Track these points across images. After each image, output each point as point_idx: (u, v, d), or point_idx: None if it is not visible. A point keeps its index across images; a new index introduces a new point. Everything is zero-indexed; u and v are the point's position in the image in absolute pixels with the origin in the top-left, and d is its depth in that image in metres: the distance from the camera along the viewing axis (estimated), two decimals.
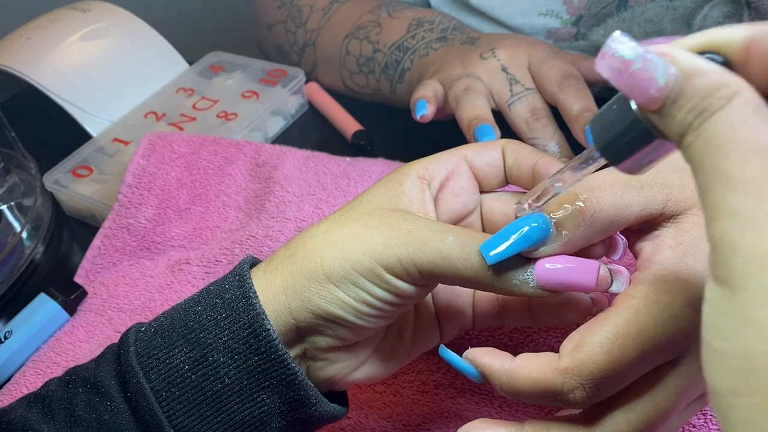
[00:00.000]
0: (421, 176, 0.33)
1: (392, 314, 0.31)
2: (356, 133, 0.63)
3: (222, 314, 0.30)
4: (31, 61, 0.65)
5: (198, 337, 0.30)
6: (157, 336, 0.31)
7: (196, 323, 0.31)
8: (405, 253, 0.29)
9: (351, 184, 0.53)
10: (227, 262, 0.50)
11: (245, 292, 0.30)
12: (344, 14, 0.67)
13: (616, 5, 0.57)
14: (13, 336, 0.47)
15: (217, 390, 0.30)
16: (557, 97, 0.49)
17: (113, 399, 0.30)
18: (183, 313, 0.31)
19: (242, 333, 0.30)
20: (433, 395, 0.41)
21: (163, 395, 0.30)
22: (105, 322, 0.49)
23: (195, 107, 0.67)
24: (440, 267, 0.28)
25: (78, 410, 0.30)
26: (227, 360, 0.30)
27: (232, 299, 0.30)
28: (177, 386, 0.30)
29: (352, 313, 0.30)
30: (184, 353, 0.30)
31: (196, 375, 0.30)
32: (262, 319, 0.30)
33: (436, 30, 0.60)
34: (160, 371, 0.30)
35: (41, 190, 0.60)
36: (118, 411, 0.30)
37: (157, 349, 0.30)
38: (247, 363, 0.30)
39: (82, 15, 0.70)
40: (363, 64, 0.64)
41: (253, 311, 0.30)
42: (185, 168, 0.56)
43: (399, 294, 0.30)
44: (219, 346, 0.30)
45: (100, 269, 0.53)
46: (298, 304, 0.30)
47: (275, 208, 0.53)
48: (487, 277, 0.28)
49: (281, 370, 0.30)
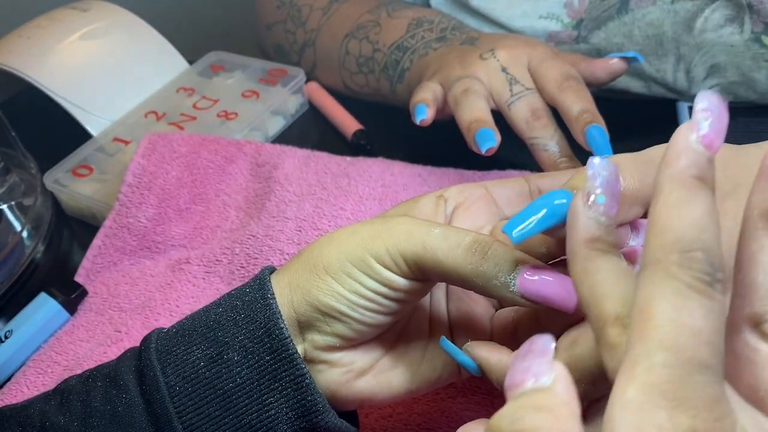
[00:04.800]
0: (438, 196, 0.35)
1: (389, 310, 0.31)
2: (356, 132, 0.63)
3: (241, 315, 0.31)
4: (31, 61, 0.65)
5: (216, 335, 0.31)
6: (178, 335, 0.32)
7: (215, 323, 0.32)
8: (392, 243, 0.30)
9: (351, 184, 0.54)
10: (227, 261, 0.51)
11: (264, 294, 0.31)
12: (344, 14, 0.67)
13: (617, 8, 0.57)
14: (13, 335, 0.47)
15: (228, 389, 0.30)
16: (557, 98, 0.49)
17: (129, 392, 0.31)
18: (204, 315, 0.32)
19: (258, 332, 0.31)
20: (433, 395, 0.41)
21: (176, 390, 0.30)
22: (105, 321, 0.49)
23: (195, 107, 0.67)
24: (423, 257, 0.29)
25: (94, 402, 0.31)
26: (241, 359, 0.30)
27: (252, 301, 0.31)
28: (190, 382, 0.30)
29: (345, 304, 0.30)
30: (201, 350, 0.31)
31: (210, 372, 0.30)
32: (277, 319, 0.30)
33: (436, 30, 0.60)
34: (177, 366, 0.31)
35: (41, 190, 0.59)
36: (132, 404, 0.31)
37: (176, 347, 0.31)
38: (260, 362, 0.30)
39: (82, 14, 0.70)
40: (363, 64, 0.64)
41: (269, 311, 0.31)
42: (185, 167, 0.56)
43: (390, 286, 0.30)
44: (235, 344, 0.31)
45: (101, 269, 0.53)
46: (299, 297, 0.31)
47: (275, 208, 0.53)
48: (467, 272, 0.28)
49: (291, 369, 0.30)
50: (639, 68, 0.59)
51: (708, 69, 0.57)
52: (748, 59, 0.55)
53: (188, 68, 0.72)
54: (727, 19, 0.55)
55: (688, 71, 0.58)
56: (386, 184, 0.54)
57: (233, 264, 0.50)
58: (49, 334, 0.48)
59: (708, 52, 0.56)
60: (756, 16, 0.54)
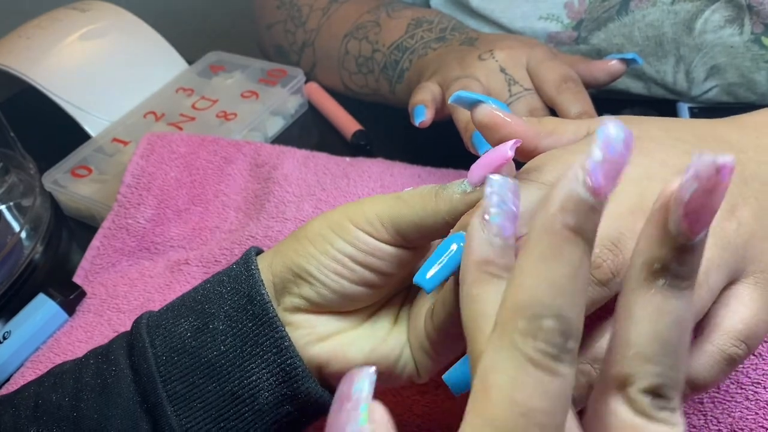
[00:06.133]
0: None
1: (355, 277, 0.31)
2: (356, 133, 0.63)
3: (227, 287, 0.32)
4: (30, 61, 0.65)
5: (203, 308, 0.32)
6: (168, 311, 0.33)
7: (203, 297, 0.33)
8: (369, 206, 0.31)
9: (351, 184, 0.53)
10: (226, 262, 0.50)
11: (248, 266, 0.32)
12: (343, 14, 0.67)
13: (617, 9, 0.57)
14: (12, 336, 0.47)
15: (212, 357, 0.31)
16: (555, 99, 0.49)
17: (119, 364, 0.32)
18: (193, 291, 0.34)
19: (242, 301, 0.31)
20: (433, 396, 0.41)
21: (163, 360, 0.31)
22: (104, 322, 0.49)
23: (194, 107, 0.67)
24: (394, 207, 0.30)
25: (86, 377, 0.32)
26: (225, 327, 0.31)
27: (237, 274, 0.32)
28: (176, 352, 0.31)
29: (314, 266, 0.31)
30: (189, 322, 0.32)
31: (196, 342, 0.31)
32: (259, 286, 0.31)
33: (435, 30, 0.60)
34: (165, 338, 0.32)
35: (40, 191, 0.59)
36: (121, 376, 0.31)
37: (165, 320, 0.32)
38: (242, 329, 0.31)
39: (82, 15, 0.70)
40: (362, 64, 0.64)
41: (252, 280, 0.32)
42: (184, 168, 0.56)
43: (360, 248, 0.31)
44: (220, 314, 0.31)
45: (99, 269, 0.53)
46: (278, 260, 0.32)
47: (275, 209, 0.53)
48: (432, 205, 0.30)
49: (270, 333, 0.31)
50: (639, 69, 0.59)
51: (708, 70, 0.57)
52: (748, 60, 0.55)
53: (187, 68, 0.72)
54: (726, 20, 0.55)
55: (688, 72, 0.58)
56: (386, 184, 0.54)
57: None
58: (47, 335, 0.48)
59: (708, 53, 0.56)
60: (756, 17, 0.54)
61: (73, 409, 0.31)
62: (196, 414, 0.30)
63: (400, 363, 0.32)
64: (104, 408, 0.31)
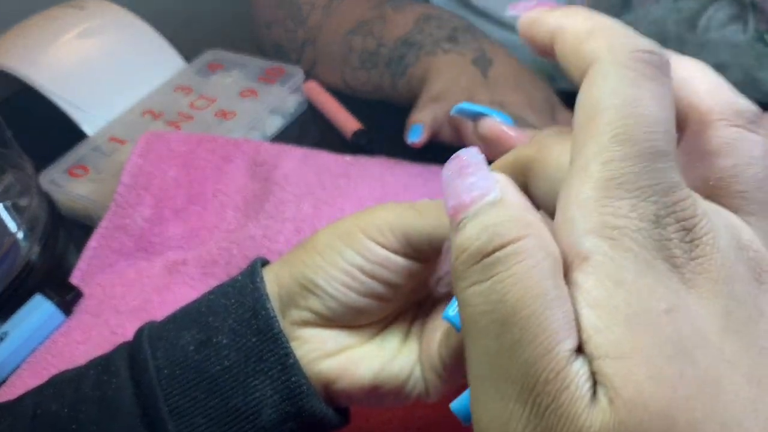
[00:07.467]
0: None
1: (363, 289, 0.30)
2: (356, 132, 0.63)
3: (231, 300, 0.32)
4: (27, 60, 0.65)
5: (207, 320, 0.31)
6: (170, 322, 0.32)
7: (207, 309, 0.32)
8: (381, 214, 0.31)
9: (350, 184, 0.53)
10: (225, 263, 0.50)
11: (253, 278, 0.32)
12: (345, 11, 0.67)
13: (620, 7, 0.57)
14: (8, 337, 0.47)
15: (215, 372, 0.30)
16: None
17: (120, 376, 0.31)
18: (197, 303, 0.33)
19: (246, 315, 0.31)
20: None
21: (165, 373, 0.30)
22: (101, 323, 0.48)
23: (192, 106, 0.66)
24: (407, 217, 0.30)
25: (85, 388, 0.31)
26: (229, 342, 0.31)
27: (242, 286, 0.32)
28: (179, 366, 0.31)
29: (322, 277, 0.31)
30: (192, 335, 0.31)
31: (199, 356, 0.30)
32: (264, 300, 0.31)
33: (446, 27, 0.59)
34: (167, 350, 0.31)
35: (37, 190, 0.59)
36: (121, 388, 0.31)
37: (167, 332, 0.32)
38: (246, 344, 0.30)
39: (79, 12, 0.70)
40: (366, 60, 0.64)
41: (257, 293, 0.31)
42: (183, 167, 0.56)
43: (370, 258, 0.30)
44: (224, 328, 0.31)
45: (97, 270, 0.53)
46: (285, 271, 0.32)
47: (274, 208, 0.52)
48: (443, 230, 0.30)
49: (275, 349, 0.30)
50: None
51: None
52: (752, 58, 0.55)
53: (185, 67, 0.71)
54: (730, 18, 0.54)
55: None
56: (387, 184, 0.53)
57: (230, 265, 0.50)
58: (44, 336, 0.48)
59: (711, 51, 0.56)
60: (760, 15, 0.53)
61: (71, 420, 0.31)
62: (198, 429, 0.30)
63: (410, 383, 0.32)
64: (104, 420, 0.30)
